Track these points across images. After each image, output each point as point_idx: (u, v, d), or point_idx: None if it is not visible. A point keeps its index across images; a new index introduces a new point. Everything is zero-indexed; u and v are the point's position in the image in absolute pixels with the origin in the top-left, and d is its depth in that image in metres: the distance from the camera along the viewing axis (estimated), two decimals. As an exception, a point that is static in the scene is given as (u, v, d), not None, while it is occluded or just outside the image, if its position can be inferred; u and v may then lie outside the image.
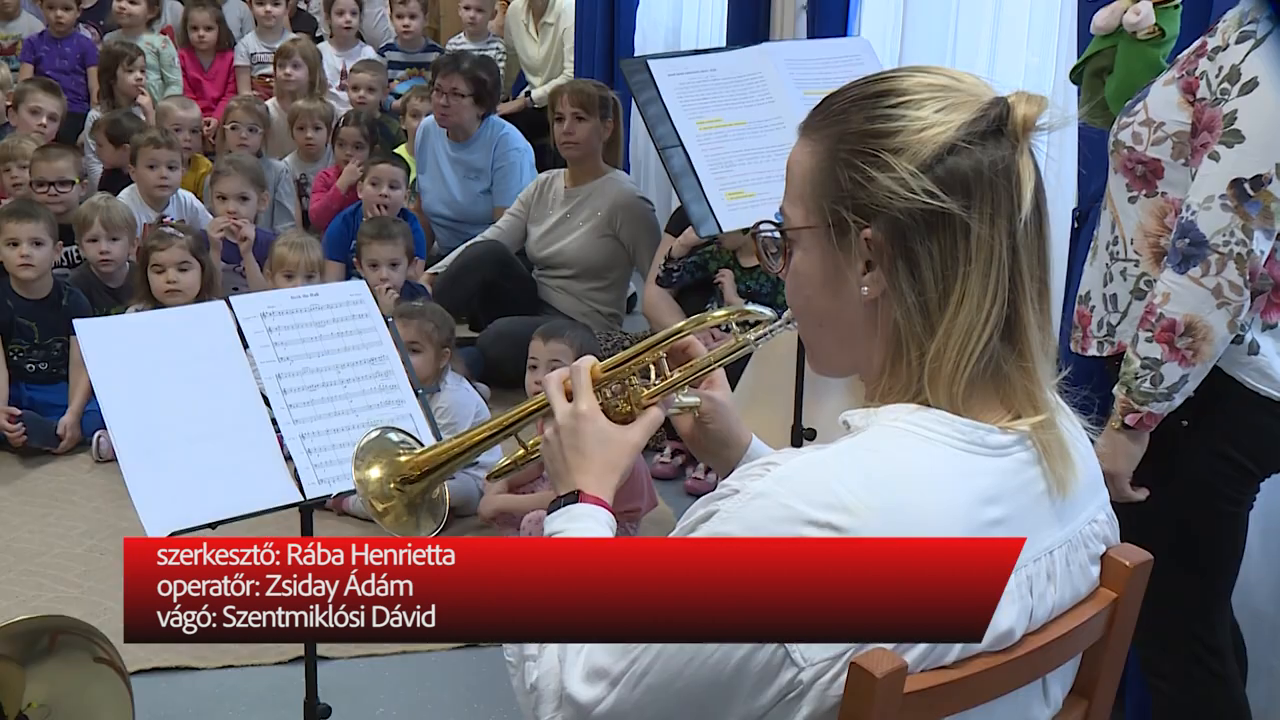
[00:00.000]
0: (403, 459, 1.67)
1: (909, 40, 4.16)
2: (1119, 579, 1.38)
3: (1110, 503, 1.43)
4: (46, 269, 4.60)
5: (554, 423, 1.53)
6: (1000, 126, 1.26)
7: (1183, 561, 2.29)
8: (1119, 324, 2.36)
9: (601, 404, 1.53)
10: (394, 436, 1.70)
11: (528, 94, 7.00)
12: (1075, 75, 2.74)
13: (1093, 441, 1.41)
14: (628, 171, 6.25)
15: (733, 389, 3.66)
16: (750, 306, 1.59)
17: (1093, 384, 2.30)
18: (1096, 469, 1.40)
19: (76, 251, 5.07)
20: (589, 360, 1.56)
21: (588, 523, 1.45)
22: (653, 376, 1.58)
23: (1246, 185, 2.12)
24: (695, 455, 1.71)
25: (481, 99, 5.60)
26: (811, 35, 4.56)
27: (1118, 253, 2.36)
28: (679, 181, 3.21)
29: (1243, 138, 2.12)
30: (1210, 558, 2.35)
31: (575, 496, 1.48)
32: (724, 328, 1.60)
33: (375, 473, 1.66)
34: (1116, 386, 2.26)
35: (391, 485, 1.66)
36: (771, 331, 1.54)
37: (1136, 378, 2.22)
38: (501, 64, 7.14)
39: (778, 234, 1.37)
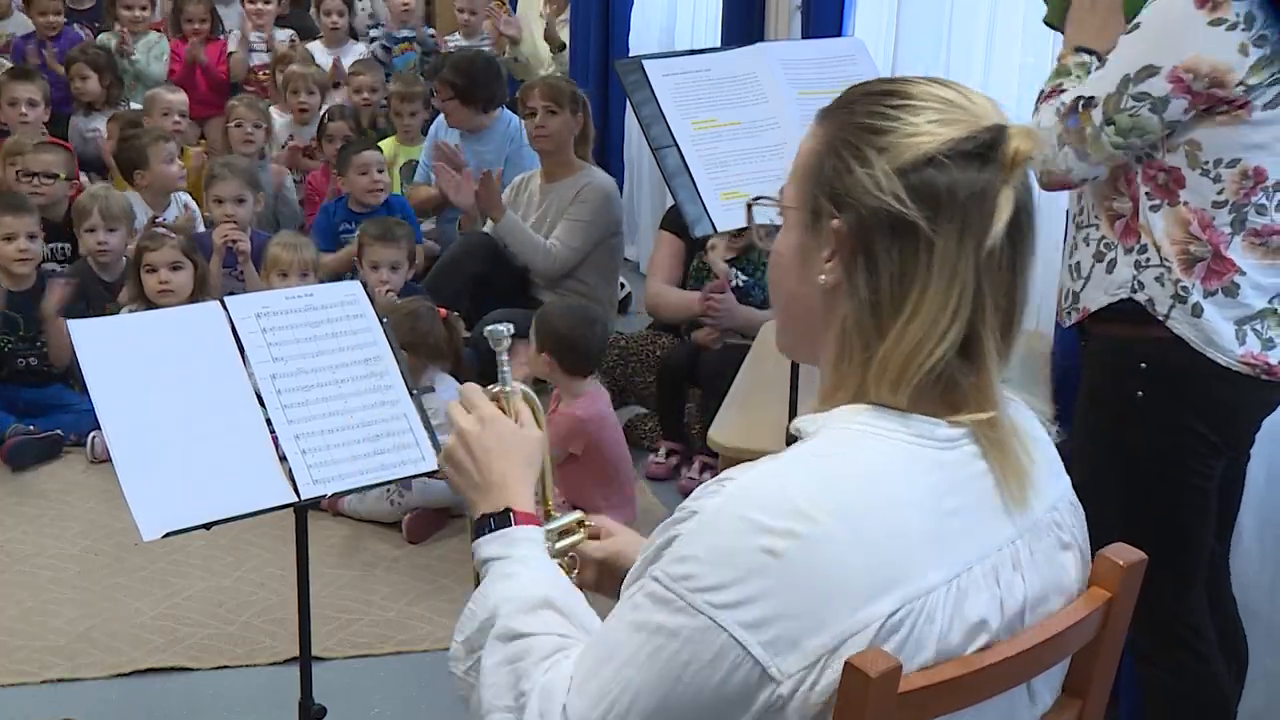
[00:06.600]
0: None
1: (903, 41, 4.16)
2: (1112, 578, 1.38)
3: (1074, 488, 1.42)
4: (38, 262, 4.67)
5: (457, 431, 1.57)
6: (987, 152, 1.26)
7: (1148, 537, 2.27)
8: (1082, 289, 2.37)
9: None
10: None
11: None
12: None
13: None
14: (621, 172, 6.24)
15: (729, 387, 3.68)
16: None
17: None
18: (1055, 457, 1.40)
19: (64, 247, 5.11)
20: (474, 386, 1.62)
21: (527, 548, 1.48)
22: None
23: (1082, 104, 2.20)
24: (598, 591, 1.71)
25: (468, 97, 5.57)
26: (806, 35, 4.57)
27: (1082, 221, 2.39)
28: (673, 181, 3.21)
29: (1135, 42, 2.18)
30: (1178, 534, 2.33)
31: (507, 516, 1.51)
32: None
33: None
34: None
35: None
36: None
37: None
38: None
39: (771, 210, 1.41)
